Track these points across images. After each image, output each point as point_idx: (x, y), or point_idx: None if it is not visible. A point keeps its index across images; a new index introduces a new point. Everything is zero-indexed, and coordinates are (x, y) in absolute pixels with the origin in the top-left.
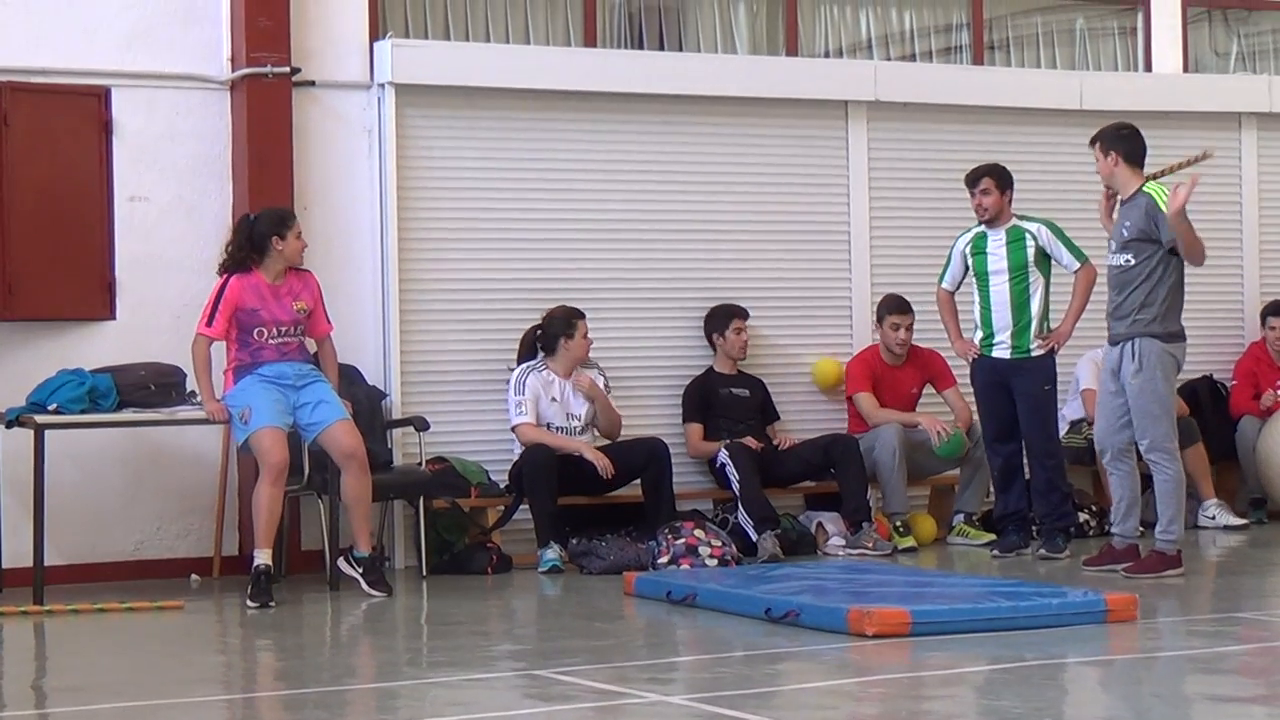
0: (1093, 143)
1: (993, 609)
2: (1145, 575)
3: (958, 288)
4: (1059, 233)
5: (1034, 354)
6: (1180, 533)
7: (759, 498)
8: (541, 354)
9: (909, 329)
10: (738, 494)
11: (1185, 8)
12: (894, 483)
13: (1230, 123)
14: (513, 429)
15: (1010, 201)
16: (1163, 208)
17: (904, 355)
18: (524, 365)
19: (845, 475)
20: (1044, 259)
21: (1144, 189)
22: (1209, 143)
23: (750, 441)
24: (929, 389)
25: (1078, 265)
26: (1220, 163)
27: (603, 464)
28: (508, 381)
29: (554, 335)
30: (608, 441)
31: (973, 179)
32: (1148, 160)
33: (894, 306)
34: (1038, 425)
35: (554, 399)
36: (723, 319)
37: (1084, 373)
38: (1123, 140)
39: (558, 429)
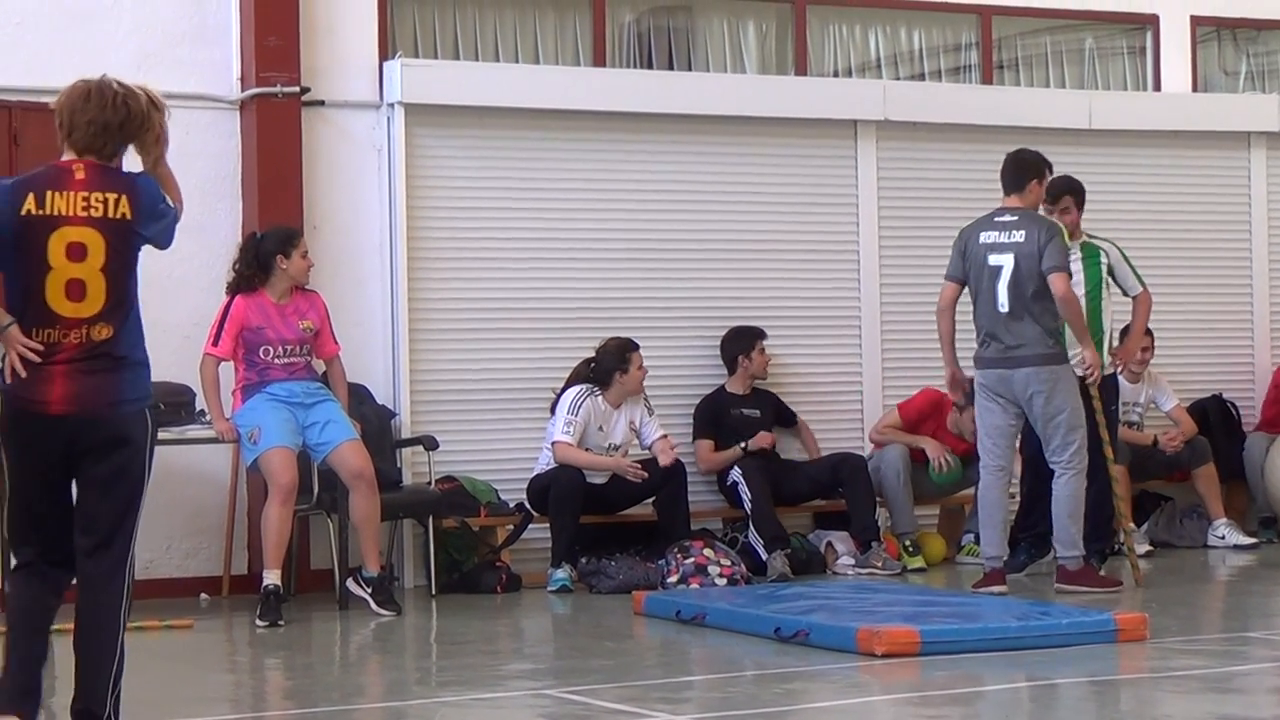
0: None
1: (1002, 628)
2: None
3: None
4: (1125, 256)
5: (1106, 371)
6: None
7: (770, 516)
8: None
9: None
10: (749, 512)
11: (1194, 27)
12: (900, 502)
13: (1239, 142)
14: (552, 443)
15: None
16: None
17: None
18: (581, 387)
19: (854, 494)
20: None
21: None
22: (1220, 164)
23: (764, 438)
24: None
25: (1139, 290)
26: (1229, 182)
27: (635, 470)
28: (556, 396)
29: (608, 370)
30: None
31: (1054, 196)
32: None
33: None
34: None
35: (600, 428)
36: (748, 340)
37: None
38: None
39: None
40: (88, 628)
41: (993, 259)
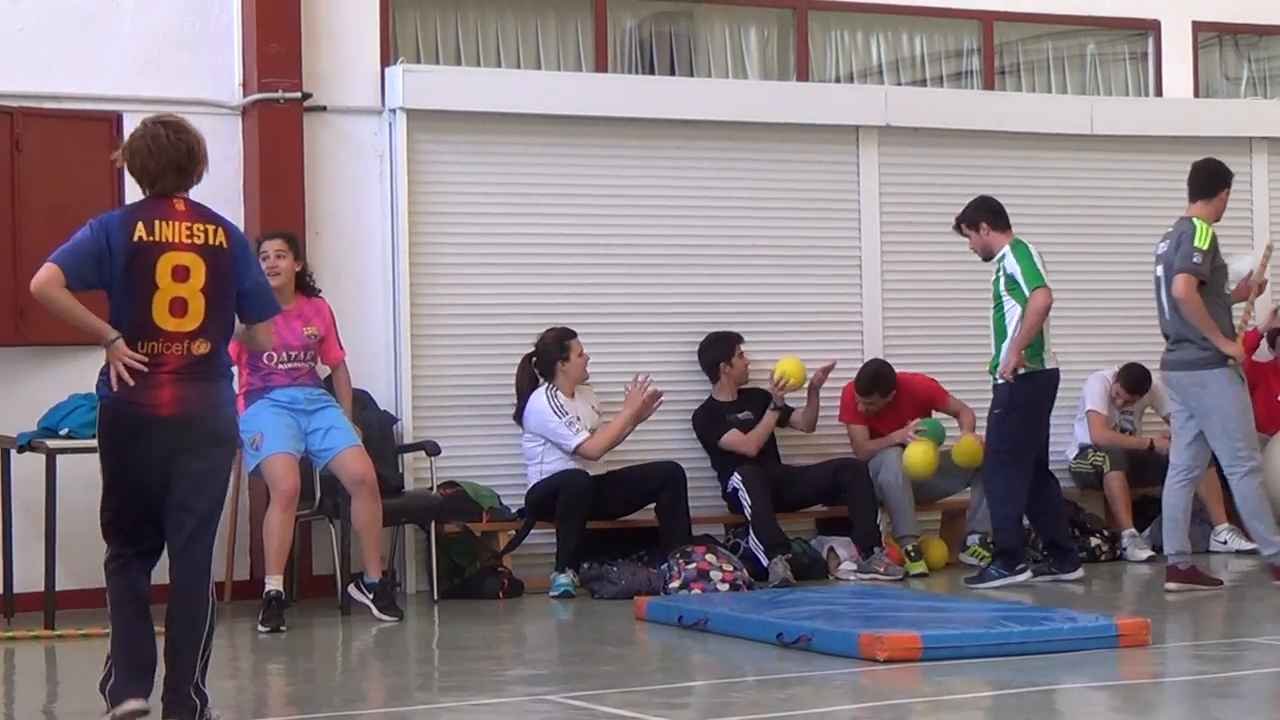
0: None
1: (1004, 634)
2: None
3: None
4: (1022, 255)
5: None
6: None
7: (770, 522)
8: (544, 381)
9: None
10: (749, 518)
11: (1196, 32)
12: (901, 506)
13: (1241, 147)
14: (576, 451)
15: (997, 231)
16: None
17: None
18: (540, 392)
19: (855, 500)
20: (1015, 283)
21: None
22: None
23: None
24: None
25: (1029, 289)
26: (1237, 185)
27: (650, 396)
28: (517, 405)
29: (550, 361)
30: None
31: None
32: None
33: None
34: None
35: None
36: (728, 346)
37: (1092, 393)
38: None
39: None
40: (182, 612)
41: (1157, 270)
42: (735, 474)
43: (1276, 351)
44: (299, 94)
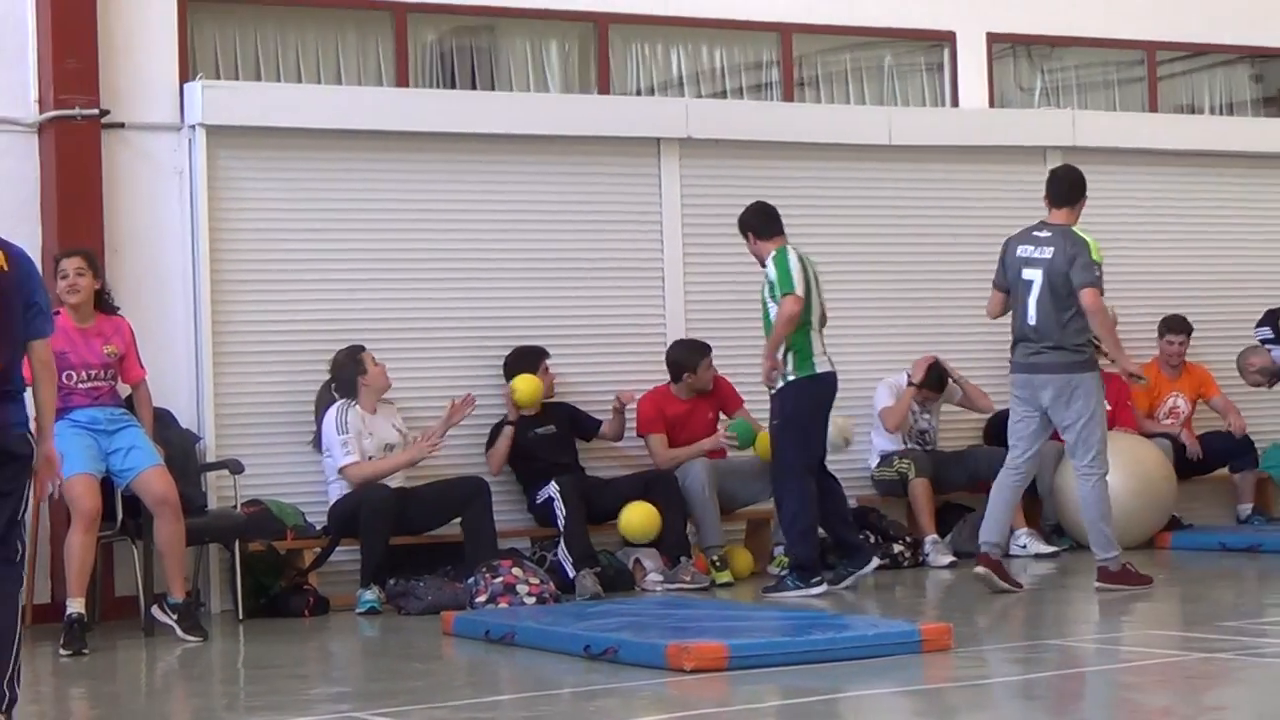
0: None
1: (809, 641)
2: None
3: None
4: (779, 261)
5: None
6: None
7: (583, 536)
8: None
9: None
10: (562, 530)
11: (990, 44)
12: (707, 516)
13: (1036, 156)
14: (341, 470)
15: (762, 239)
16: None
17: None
18: (336, 405)
19: (665, 510)
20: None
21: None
22: (1017, 178)
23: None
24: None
25: (780, 295)
26: (1026, 195)
27: (429, 446)
28: (315, 433)
29: (348, 378)
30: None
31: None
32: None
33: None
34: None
35: (370, 433)
36: (533, 359)
37: (881, 400)
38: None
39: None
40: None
41: (1025, 273)
42: (552, 484)
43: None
44: (96, 110)
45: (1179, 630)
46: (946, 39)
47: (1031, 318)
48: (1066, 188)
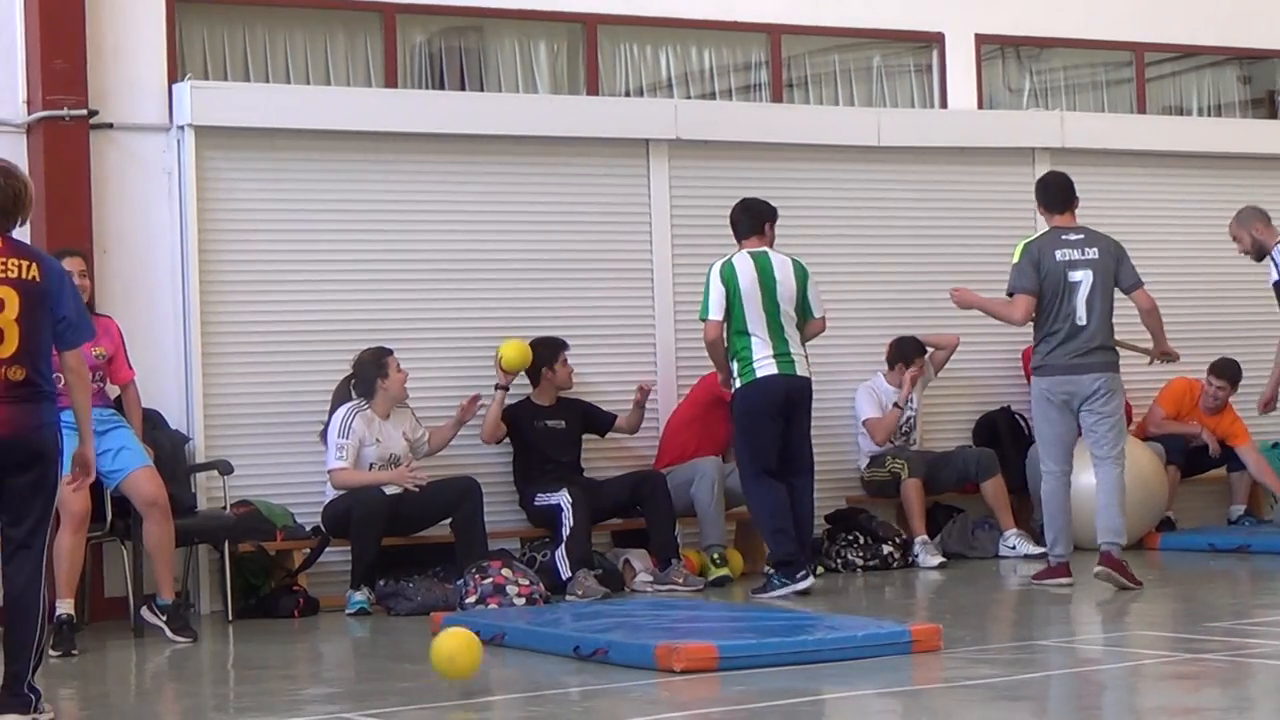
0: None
1: (799, 642)
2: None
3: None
4: (706, 279)
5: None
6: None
7: (585, 542)
8: (359, 398)
9: None
10: (567, 538)
11: (979, 45)
12: (713, 516)
13: (1024, 158)
14: (329, 472)
15: (738, 240)
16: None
17: None
18: (348, 406)
19: (653, 512)
20: None
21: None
22: (1005, 179)
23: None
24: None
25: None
26: (1015, 197)
27: (414, 480)
28: (325, 424)
29: (369, 379)
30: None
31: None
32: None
33: None
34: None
35: (377, 440)
36: (552, 351)
37: (863, 405)
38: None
39: (377, 469)
40: (17, 618)
41: (1073, 275)
42: (564, 493)
43: None
44: (85, 111)
45: (1168, 631)
46: (935, 40)
47: (1082, 318)
48: (1063, 193)
